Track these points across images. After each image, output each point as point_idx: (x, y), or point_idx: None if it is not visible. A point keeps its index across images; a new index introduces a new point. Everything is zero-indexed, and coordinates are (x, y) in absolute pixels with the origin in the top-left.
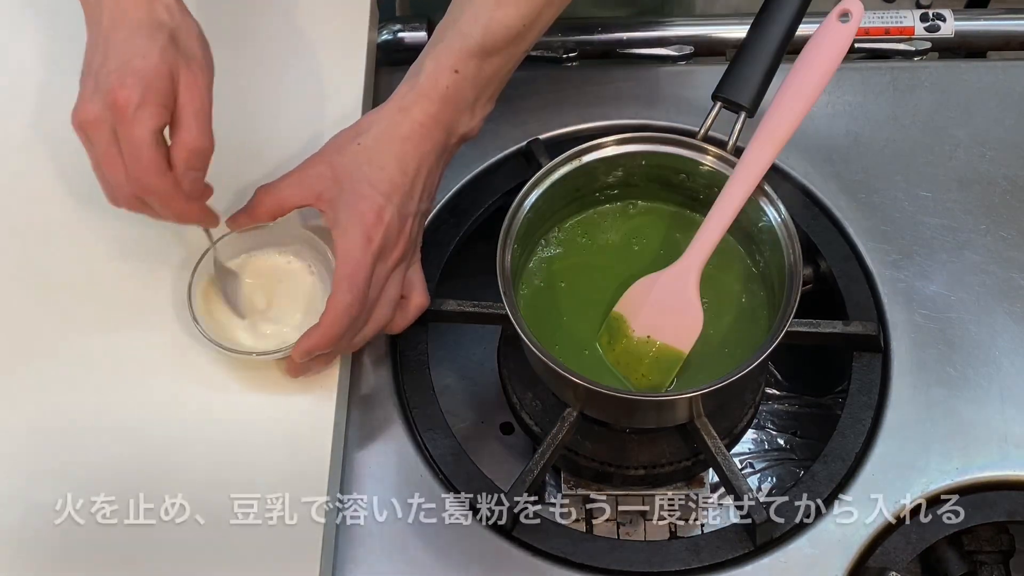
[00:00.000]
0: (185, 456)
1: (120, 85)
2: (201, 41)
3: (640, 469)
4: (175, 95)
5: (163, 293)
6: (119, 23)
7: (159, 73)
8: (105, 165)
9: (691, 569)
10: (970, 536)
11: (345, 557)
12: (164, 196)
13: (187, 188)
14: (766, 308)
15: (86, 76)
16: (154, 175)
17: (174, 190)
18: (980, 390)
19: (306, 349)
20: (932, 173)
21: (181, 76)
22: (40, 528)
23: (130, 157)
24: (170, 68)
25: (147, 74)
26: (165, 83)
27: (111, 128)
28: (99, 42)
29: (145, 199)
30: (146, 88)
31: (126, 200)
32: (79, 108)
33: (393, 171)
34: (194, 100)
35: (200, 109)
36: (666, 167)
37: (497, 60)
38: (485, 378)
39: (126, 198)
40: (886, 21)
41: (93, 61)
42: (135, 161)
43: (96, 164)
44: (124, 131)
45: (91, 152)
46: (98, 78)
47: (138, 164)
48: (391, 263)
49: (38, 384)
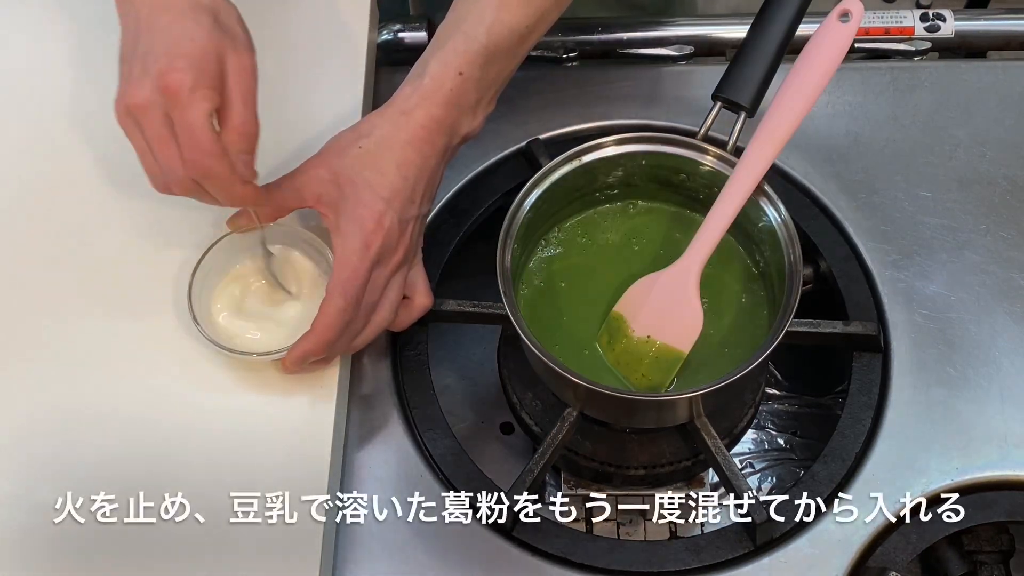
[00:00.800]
0: (185, 455)
1: (171, 68)
2: (241, 23)
3: (640, 469)
4: (224, 78)
5: (163, 293)
6: (161, 7)
7: (208, 55)
8: (158, 150)
9: (691, 569)
10: (970, 536)
11: (345, 556)
12: (222, 179)
13: (240, 171)
14: (766, 308)
15: (129, 61)
16: (212, 158)
17: (231, 173)
18: (980, 390)
19: (298, 355)
20: (932, 173)
21: (228, 58)
22: (40, 527)
23: (186, 140)
24: (217, 50)
25: (197, 56)
26: (214, 65)
27: (163, 112)
28: (141, 27)
29: (203, 183)
30: (198, 70)
31: (179, 184)
32: (126, 93)
33: (394, 176)
34: (242, 83)
35: (248, 91)
36: (666, 167)
37: (501, 62)
38: (485, 378)
39: (180, 182)
40: (886, 21)
41: (136, 46)
42: (192, 145)
43: (144, 150)
44: (179, 114)
45: (139, 137)
46: (146, 62)
47: (196, 147)
48: (390, 268)
49: (38, 383)
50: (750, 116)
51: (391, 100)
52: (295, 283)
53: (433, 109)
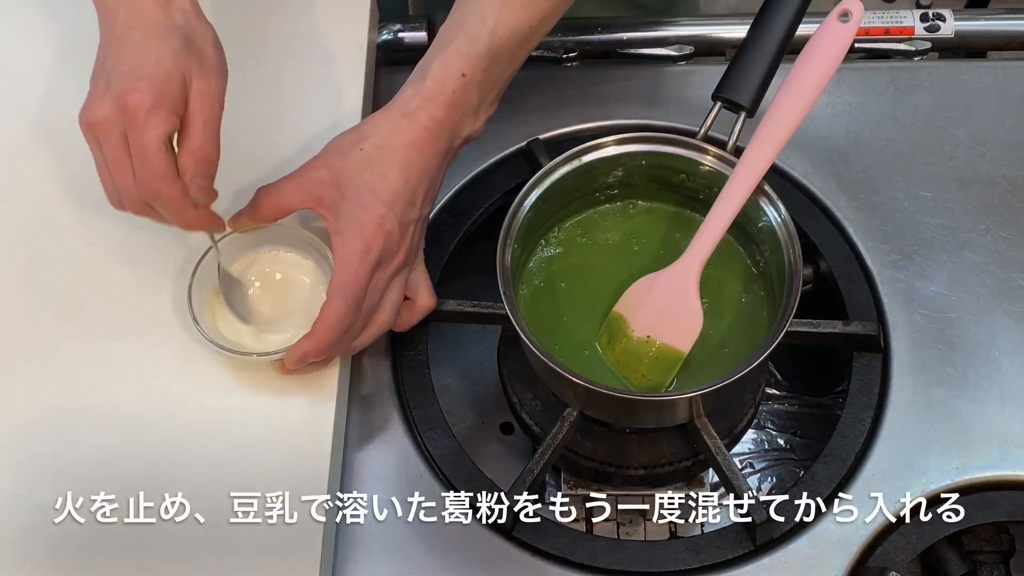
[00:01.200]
0: (185, 455)
1: (132, 88)
2: (216, 46)
3: (640, 469)
4: (186, 100)
5: (163, 294)
6: (134, 25)
7: (171, 78)
8: (113, 168)
9: (691, 569)
10: (970, 536)
11: (345, 556)
12: (172, 203)
13: (194, 195)
14: (766, 308)
15: (97, 76)
16: (163, 181)
17: (182, 197)
18: (980, 390)
19: (298, 356)
20: (932, 173)
21: (193, 82)
22: (40, 527)
23: (139, 162)
24: (182, 73)
25: (159, 78)
26: (177, 88)
27: (120, 131)
28: (112, 43)
29: (153, 204)
30: (158, 93)
31: (132, 204)
32: (88, 108)
33: (395, 179)
34: (204, 107)
35: (210, 117)
36: (666, 167)
37: (503, 63)
38: (485, 378)
39: (132, 202)
40: (886, 21)
41: (106, 62)
42: (144, 166)
43: (103, 166)
44: (134, 135)
45: (98, 154)
46: (110, 79)
47: (147, 170)
48: (391, 270)
49: (38, 383)
50: (750, 116)
51: (392, 102)
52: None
53: (435, 111)
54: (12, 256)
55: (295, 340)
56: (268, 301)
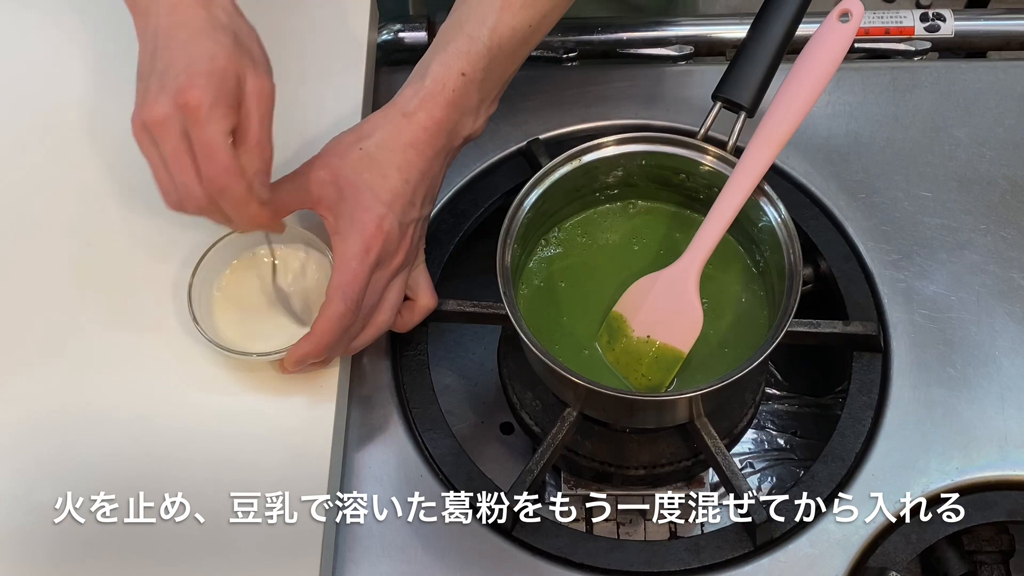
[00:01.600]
0: (185, 455)
1: (191, 85)
2: (260, 44)
3: (640, 469)
4: (242, 98)
5: (164, 294)
6: (180, 25)
7: (228, 74)
8: (174, 166)
9: (691, 569)
10: (970, 536)
11: (345, 556)
12: (238, 198)
13: (257, 191)
14: (766, 308)
15: (146, 77)
16: (230, 176)
17: (248, 192)
18: (980, 390)
19: (297, 357)
20: (932, 173)
21: (248, 79)
22: (40, 527)
23: (204, 158)
24: (237, 70)
25: (217, 75)
26: (233, 84)
27: (181, 128)
28: (159, 44)
29: (219, 201)
30: (218, 89)
31: (194, 203)
32: (144, 109)
33: (395, 179)
34: (260, 104)
35: (266, 113)
36: (666, 167)
37: (503, 63)
38: (485, 378)
39: (194, 200)
40: (886, 21)
41: (155, 62)
42: (210, 162)
43: (160, 166)
44: (197, 132)
45: (155, 154)
46: (164, 79)
47: (214, 164)
48: (391, 271)
49: (38, 383)
50: (750, 116)
51: (392, 101)
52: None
53: (435, 111)
54: (13, 257)
55: (295, 340)
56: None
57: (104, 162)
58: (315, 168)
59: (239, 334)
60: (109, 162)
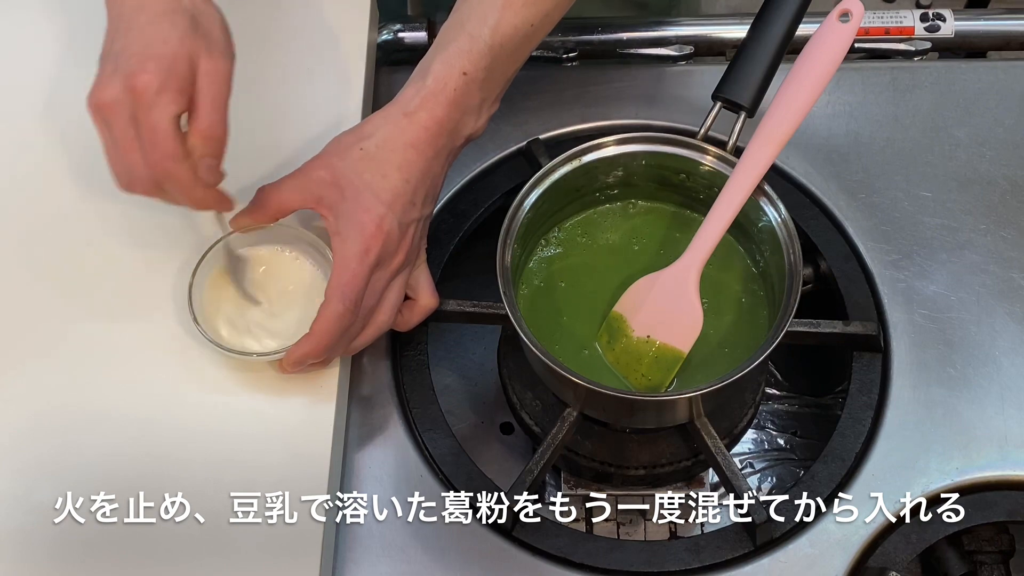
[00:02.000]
0: (185, 455)
1: (140, 70)
2: (223, 28)
3: (640, 469)
4: (194, 81)
5: (164, 294)
6: (142, 7)
7: (179, 58)
8: (122, 149)
9: (691, 569)
10: (970, 536)
11: (345, 556)
12: (182, 182)
13: (203, 175)
14: (766, 308)
15: (105, 59)
16: (173, 161)
17: (192, 177)
18: (980, 390)
19: (297, 357)
20: (932, 173)
21: (201, 63)
22: (40, 527)
23: (149, 143)
24: (190, 54)
25: (168, 59)
26: (184, 69)
27: (129, 112)
28: (120, 26)
29: (164, 185)
30: (166, 73)
31: (141, 185)
32: (97, 90)
33: (396, 179)
34: (212, 87)
35: (218, 96)
36: (666, 167)
37: (505, 62)
38: (485, 378)
39: (141, 183)
40: (886, 21)
41: (114, 44)
42: (154, 147)
43: (111, 148)
44: (143, 116)
45: (106, 135)
46: (118, 61)
47: (157, 150)
48: (391, 271)
49: (38, 383)
50: (750, 116)
51: (394, 101)
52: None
53: (436, 110)
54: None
55: (295, 340)
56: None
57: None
58: (315, 168)
59: (239, 334)
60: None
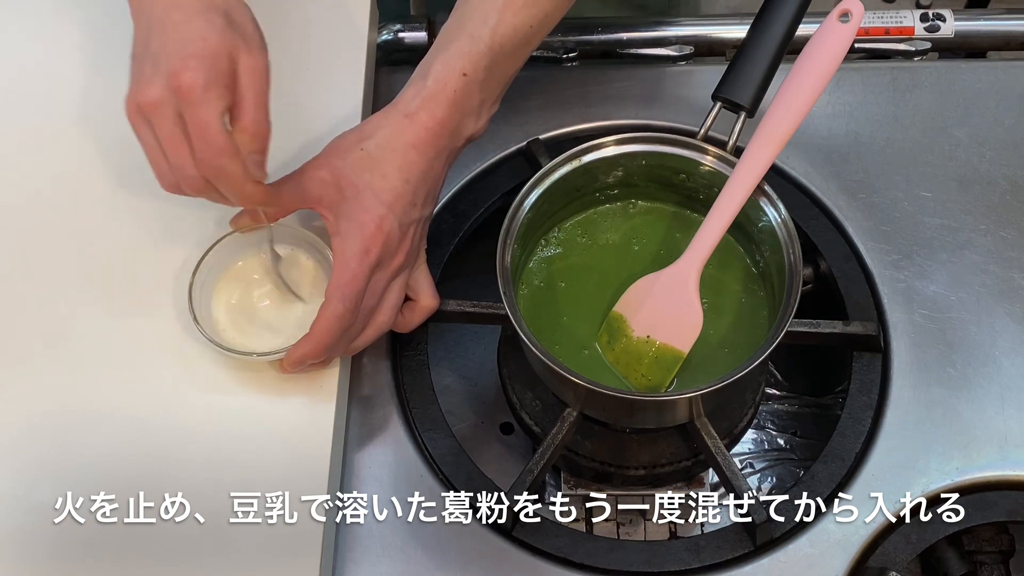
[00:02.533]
0: (185, 455)
1: (184, 68)
2: (255, 23)
3: (640, 469)
4: (236, 78)
5: (164, 294)
6: (172, 6)
7: (220, 55)
8: (169, 149)
9: (691, 569)
10: (970, 536)
11: (345, 556)
12: (234, 178)
13: (252, 170)
14: (766, 308)
15: (140, 59)
16: (225, 157)
17: (243, 172)
18: (980, 390)
19: (297, 357)
20: (932, 173)
21: (240, 58)
22: (40, 527)
23: (199, 140)
24: (229, 49)
25: (210, 56)
26: (227, 65)
27: (175, 110)
28: (153, 26)
29: (214, 182)
30: (210, 70)
31: (190, 184)
32: (138, 91)
33: (396, 180)
34: (254, 82)
35: (260, 92)
36: (666, 167)
37: (505, 63)
38: (485, 378)
39: (190, 182)
40: (886, 21)
41: (148, 45)
42: (205, 143)
43: (154, 149)
44: (191, 113)
45: (149, 136)
46: (157, 61)
47: (208, 146)
48: (391, 271)
49: (38, 383)
50: (750, 116)
51: (394, 101)
52: (302, 286)
53: (437, 111)
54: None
55: (295, 341)
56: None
57: (103, 158)
58: (316, 168)
59: (239, 334)
60: (109, 158)
